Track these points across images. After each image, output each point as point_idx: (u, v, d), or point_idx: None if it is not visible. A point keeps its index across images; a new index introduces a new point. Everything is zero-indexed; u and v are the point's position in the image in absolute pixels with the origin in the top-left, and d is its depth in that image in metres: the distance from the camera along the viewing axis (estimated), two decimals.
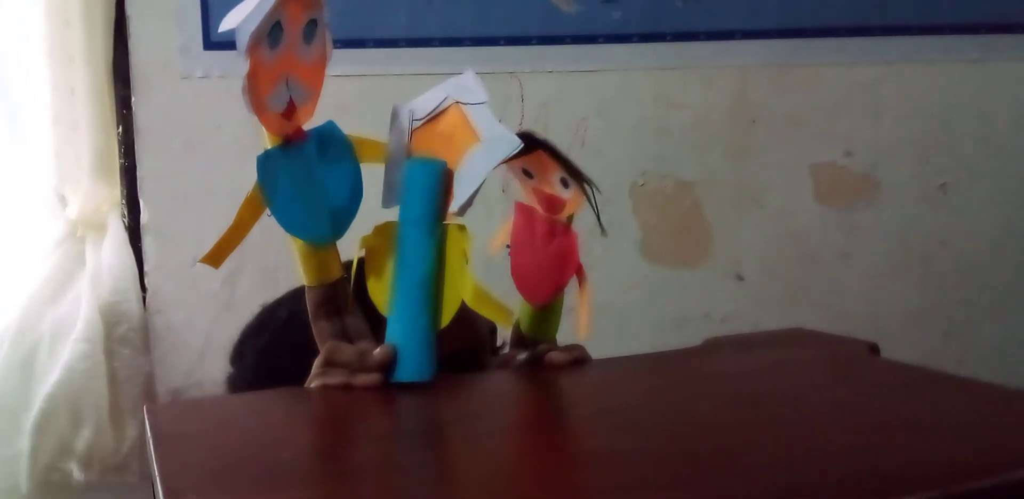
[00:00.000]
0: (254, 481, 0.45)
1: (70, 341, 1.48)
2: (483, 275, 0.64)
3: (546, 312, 0.73)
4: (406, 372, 0.63)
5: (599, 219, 0.69)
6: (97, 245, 1.57)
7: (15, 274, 1.56)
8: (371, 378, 0.62)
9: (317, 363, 0.65)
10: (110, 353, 1.52)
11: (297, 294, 0.93)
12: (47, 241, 1.57)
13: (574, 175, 0.69)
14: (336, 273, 0.66)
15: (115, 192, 1.60)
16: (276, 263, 1.52)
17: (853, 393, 0.58)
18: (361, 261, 0.67)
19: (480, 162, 0.63)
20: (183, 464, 0.47)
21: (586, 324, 0.67)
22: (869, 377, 0.63)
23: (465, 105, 0.66)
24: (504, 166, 0.67)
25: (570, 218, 0.71)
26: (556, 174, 0.70)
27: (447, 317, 0.64)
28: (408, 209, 0.65)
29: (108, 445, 1.50)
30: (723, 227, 1.71)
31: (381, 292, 0.66)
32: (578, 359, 0.70)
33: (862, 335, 0.71)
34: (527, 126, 1.77)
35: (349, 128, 1.75)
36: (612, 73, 1.65)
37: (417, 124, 0.67)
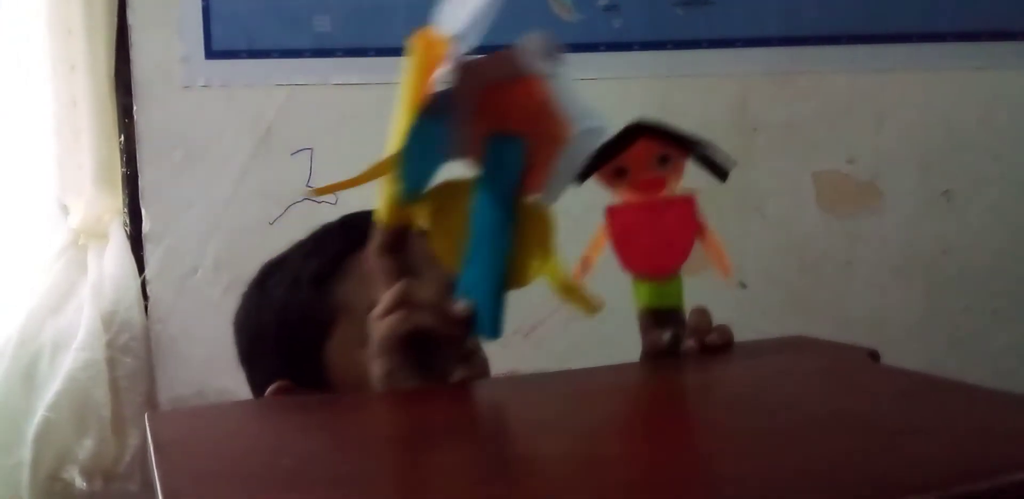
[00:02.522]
0: (254, 487, 0.45)
1: (72, 350, 1.49)
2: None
3: (669, 280, 0.73)
4: (481, 328, 0.64)
5: (720, 167, 0.71)
6: (99, 254, 1.57)
7: (17, 283, 1.56)
8: (461, 308, 0.62)
9: (389, 299, 0.64)
10: (112, 362, 1.53)
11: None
12: (49, 250, 1.57)
13: (681, 144, 0.69)
14: (409, 220, 0.67)
15: (117, 201, 1.61)
16: None
17: (852, 398, 0.58)
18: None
19: (574, 157, 0.63)
20: (184, 470, 0.47)
21: (726, 266, 0.70)
22: (869, 383, 0.63)
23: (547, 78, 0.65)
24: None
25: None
26: (654, 157, 0.70)
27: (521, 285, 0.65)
28: (488, 183, 0.66)
29: (110, 454, 1.50)
30: (725, 235, 1.69)
31: (446, 250, 0.66)
32: (727, 343, 0.71)
33: (865, 343, 0.71)
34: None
35: (353, 136, 1.76)
36: (613, 81, 1.65)
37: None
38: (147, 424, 0.54)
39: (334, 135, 1.61)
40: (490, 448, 0.52)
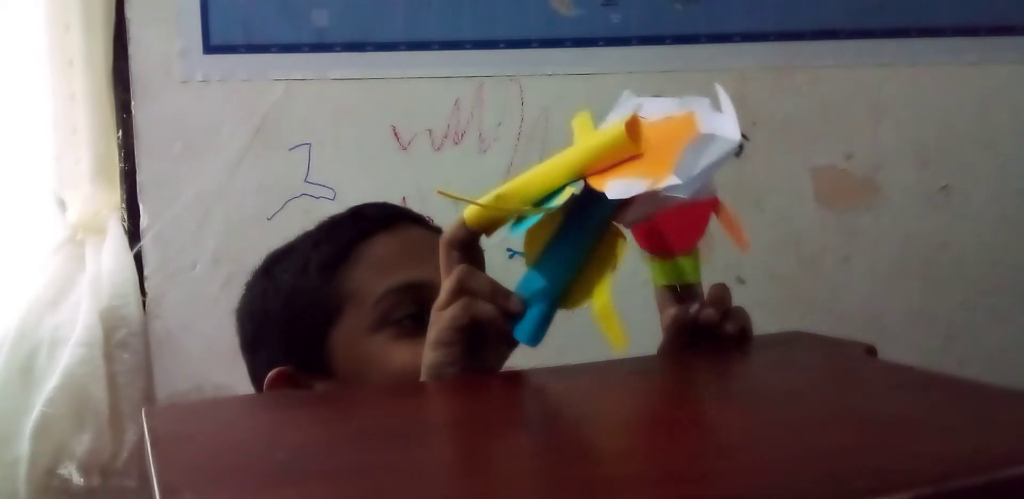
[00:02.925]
0: (251, 481, 0.45)
1: (70, 345, 1.49)
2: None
3: (686, 257, 0.73)
4: (522, 332, 0.64)
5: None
6: (97, 249, 1.57)
7: (15, 278, 1.56)
8: (515, 302, 0.63)
9: (449, 288, 0.64)
10: (110, 357, 1.52)
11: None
12: (47, 245, 1.57)
13: None
14: (494, 227, 0.66)
15: (115, 196, 1.61)
16: None
17: (848, 393, 0.58)
18: None
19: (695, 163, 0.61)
20: (181, 465, 0.47)
21: (742, 237, 0.69)
22: (865, 377, 0.63)
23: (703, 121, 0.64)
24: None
25: None
26: None
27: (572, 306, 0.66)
28: (583, 208, 0.66)
29: (107, 449, 1.50)
30: (723, 230, 1.70)
31: (530, 243, 0.66)
32: (744, 329, 0.71)
33: (863, 338, 0.71)
34: (526, 130, 1.77)
35: (351, 131, 1.76)
36: (612, 76, 1.65)
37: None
38: (144, 419, 0.55)
39: (332, 130, 1.61)
40: (487, 442, 0.52)
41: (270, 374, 0.87)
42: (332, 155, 1.61)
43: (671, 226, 0.72)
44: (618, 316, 0.63)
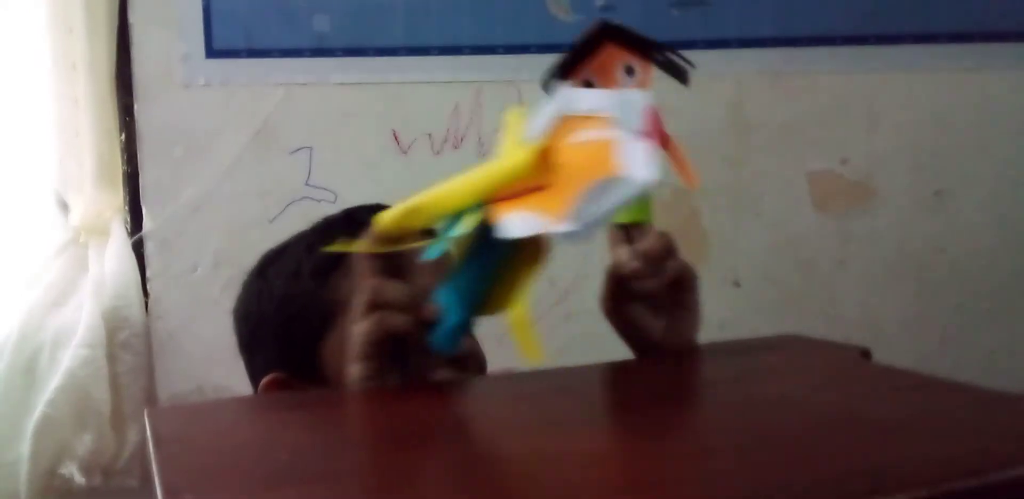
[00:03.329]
0: (253, 482, 0.45)
1: (72, 347, 1.49)
2: None
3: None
4: (436, 340, 0.62)
5: (681, 71, 0.66)
6: (100, 251, 1.58)
7: (18, 280, 1.56)
8: (429, 310, 0.61)
9: (361, 300, 0.63)
10: (112, 359, 1.53)
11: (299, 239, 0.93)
12: (50, 247, 1.57)
13: (644, 51, 0.65)
14: (411, 233, 0.64)
15: (118, 199, 1.61)
16: None
17: (843, 396, 0.58)
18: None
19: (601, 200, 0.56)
20: (183, 466, 0.47)
21: (691, 172, 0.62)
22: (860, 381, 0.63)
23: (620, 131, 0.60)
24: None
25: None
26: (619, 66, 0.66)
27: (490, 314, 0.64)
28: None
29: (109, 450, 1.50)
30: (720, 234, 1.71)
31: (456, 248, 0.64)
32: (680, 272, 0.68)
33: (858, 342, 0.71)
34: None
35: (351, 135, 1.76)
36: None
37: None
38: (146, 420, 0.55)
39: (333, 134, 1.62)
40: (486, 445, 0.52)
41: (264, 380, 0.86)
42: (333, 159, 1.62)
43: None
44: (533, 326, 0.61)
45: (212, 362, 1.57)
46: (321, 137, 1.62)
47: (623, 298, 0.73)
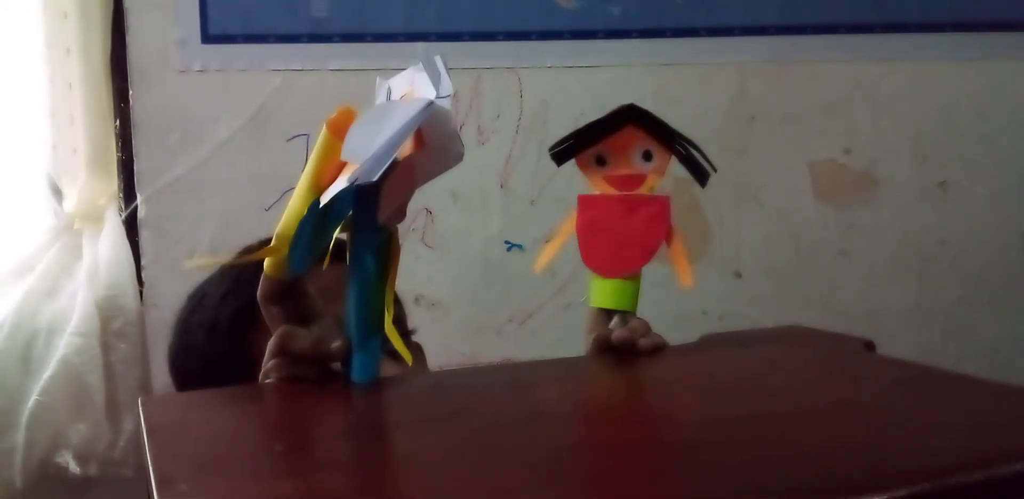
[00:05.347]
0: (247, 471, 0.45)
1: (66, 335, 1.49)
2: (485, 271, 0.63)
3: (626, 281, 0.70)
4: (353, 373, 0.61)
5: (704, 170, 0.66)
6: (94, 239, 1.57)
7: (12, 267, 1.56)
8: (335, 347, 0.60)
9: (270, 351, 0.62)
10: (106, 347, 1.53)
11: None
12: (44, 234, 1.57)
13: (667, 142, 0.65)
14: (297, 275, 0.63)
15: (112, 185, 1.60)
16: None
17: (847, 388, 0.58)
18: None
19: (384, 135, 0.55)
20: (176, 454, 0.47)
21: (688, 272, 0.66)
22: (864, 373, 0.63)
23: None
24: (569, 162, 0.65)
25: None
26: (637, 149, 0.67)
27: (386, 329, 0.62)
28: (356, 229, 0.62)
29: (104, 438, 1.50)
30: (722, 224, 1.71)
31: None
32: (658, 345, 0.69)
33: (860, 333, 0.71)
34: (525, 122, 1.77)
35: None
36: (611, 69, 1.65)
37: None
38: (141, 409, 0.55)
39: None
40: (483, 435, 0.52)
41: None
42: None
43: (621, 248, 0.70)
44: (396, 336, 0.60)
45: None
46: (318, 124, 1.60)
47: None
